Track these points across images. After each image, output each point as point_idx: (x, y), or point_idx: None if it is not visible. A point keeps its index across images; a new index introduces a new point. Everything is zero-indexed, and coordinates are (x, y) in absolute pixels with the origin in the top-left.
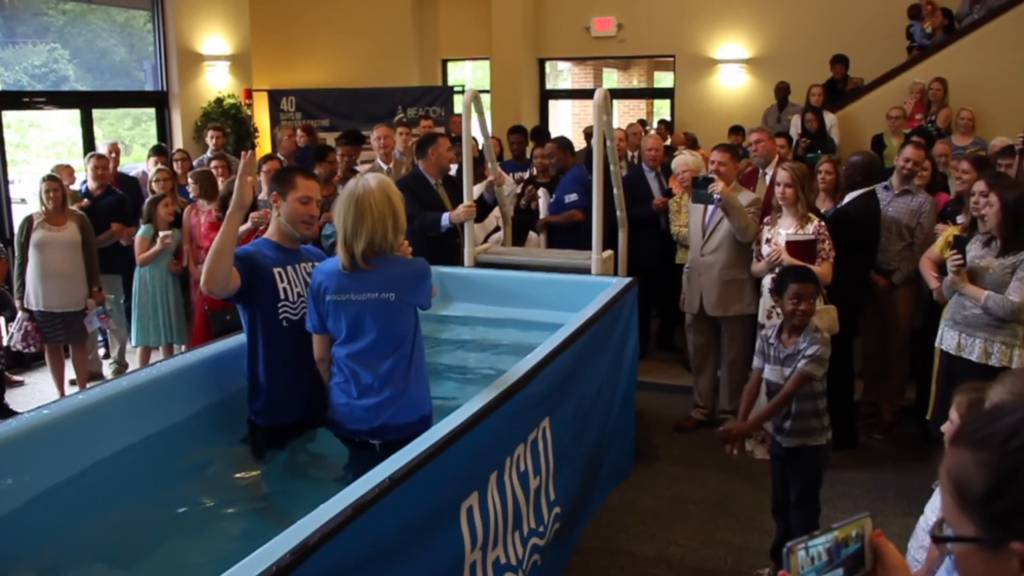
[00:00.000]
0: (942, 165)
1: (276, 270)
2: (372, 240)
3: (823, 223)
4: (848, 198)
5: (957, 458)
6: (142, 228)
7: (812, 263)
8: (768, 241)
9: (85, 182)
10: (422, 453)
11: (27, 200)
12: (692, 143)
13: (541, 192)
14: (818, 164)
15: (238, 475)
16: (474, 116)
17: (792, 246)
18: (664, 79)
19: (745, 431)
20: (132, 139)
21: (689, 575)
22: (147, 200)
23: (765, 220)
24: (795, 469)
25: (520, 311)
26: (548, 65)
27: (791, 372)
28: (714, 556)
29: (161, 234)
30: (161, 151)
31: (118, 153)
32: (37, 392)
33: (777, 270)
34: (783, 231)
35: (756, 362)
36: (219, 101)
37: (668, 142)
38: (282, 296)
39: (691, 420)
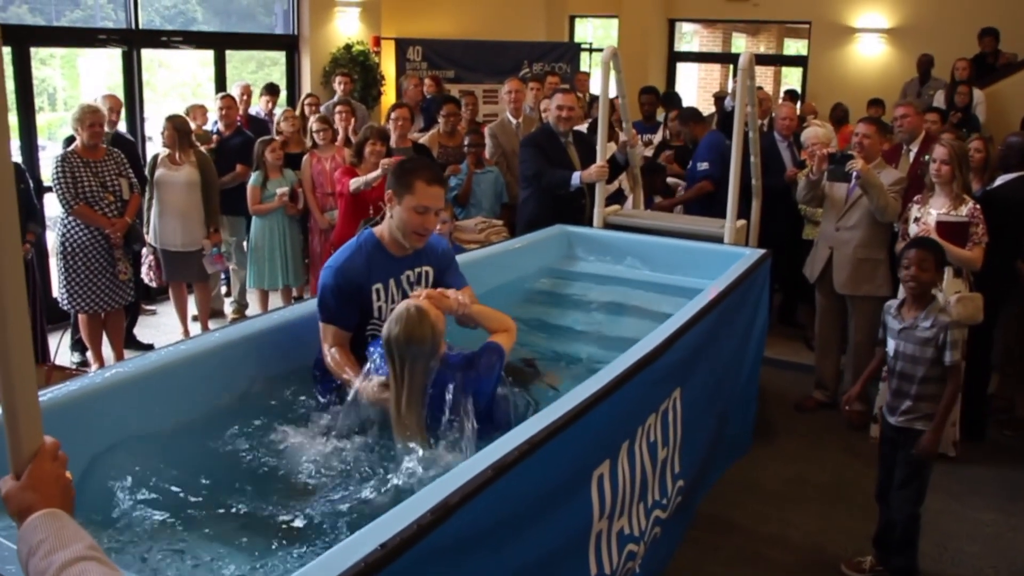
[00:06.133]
0: None
1: (376, 287)
2: None
3: (978, 206)
4: (999, 181)
5: None
6: (252, 176)
7: (962, 247)
8: (917, 220)
9: (216, 123)
10: (561, 417)
11: (153, 138)
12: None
13: None
14: (968, 142)
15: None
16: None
17: (943, 227)
18: (794, 46)
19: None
20: (256, 83)
21: (807, 559)
22: (257, 142)
23: (916, 199)
24: (905, 449)
25: (650, 276)
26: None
27: (903, 345)
28: (833, 542)
29: (278, 191)
30: (274, 90)
31: (249, 95)
32: (162, 325)
33: None
34: (934, 211)
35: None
36: (348, 47)
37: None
38: (375, 314)
39: (812, 400)
